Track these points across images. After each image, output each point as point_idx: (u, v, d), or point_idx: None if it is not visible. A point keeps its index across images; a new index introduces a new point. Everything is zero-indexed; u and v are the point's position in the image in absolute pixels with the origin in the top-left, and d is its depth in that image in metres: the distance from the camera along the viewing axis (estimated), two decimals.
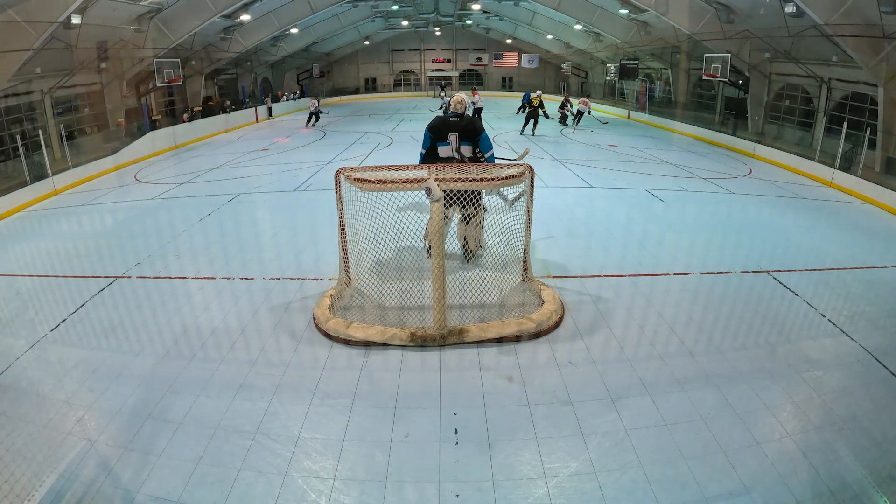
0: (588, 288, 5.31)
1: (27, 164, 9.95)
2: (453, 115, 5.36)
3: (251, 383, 3.81)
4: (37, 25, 10.76)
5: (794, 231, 7.40)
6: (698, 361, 4.05)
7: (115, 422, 3.43)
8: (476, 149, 5.38)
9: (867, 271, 5.87)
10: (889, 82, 10.59)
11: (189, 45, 16.77)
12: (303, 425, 3.37)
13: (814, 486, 2.89)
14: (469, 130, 5.34)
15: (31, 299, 5.38)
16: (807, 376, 3.87)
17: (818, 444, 3.19)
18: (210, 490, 2.88)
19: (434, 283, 4.16)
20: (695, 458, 3.07)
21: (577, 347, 4.25)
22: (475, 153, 5.40)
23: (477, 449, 3.17)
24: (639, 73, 22.81)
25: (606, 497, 2.82)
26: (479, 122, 5.57)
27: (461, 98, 5.44)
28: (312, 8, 19.93)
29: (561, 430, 3.33)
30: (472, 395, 3.66)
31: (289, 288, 5.38)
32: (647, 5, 16.26)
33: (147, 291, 5.44)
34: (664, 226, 7.48)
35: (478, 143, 5.36)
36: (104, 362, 4.14)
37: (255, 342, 4.38)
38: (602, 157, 12.64)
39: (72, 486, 2.89)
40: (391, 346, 4.22)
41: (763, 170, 11.68)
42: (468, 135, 5.34)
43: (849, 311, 4.88)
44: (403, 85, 36.22)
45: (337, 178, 4.68)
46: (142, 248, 6.65)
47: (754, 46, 14.79)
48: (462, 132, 5.32)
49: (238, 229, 7.47)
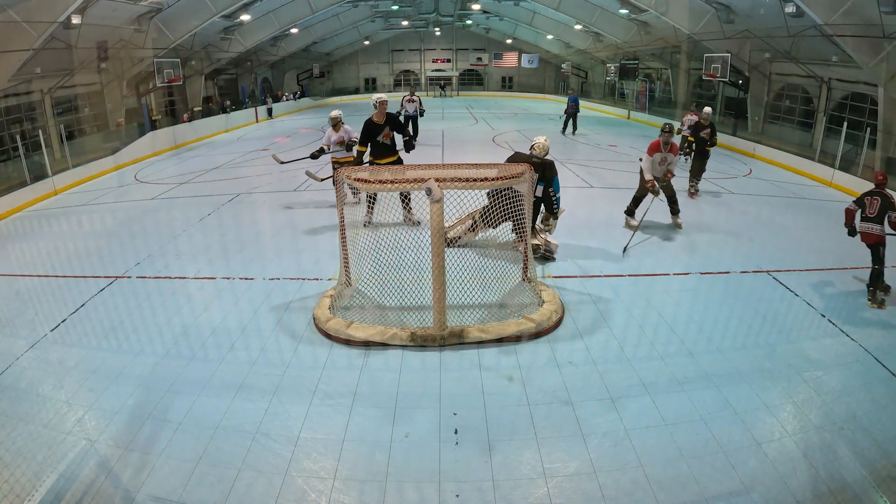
0: (588, 288, 5.32)
1: (27, 164, 9.95)
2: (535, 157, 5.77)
3: (251, 383, 3.82)
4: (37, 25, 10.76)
5: (794, 231, 7.40)
6: (698, 361, 4.05)
7: (115, 422, 3.43)
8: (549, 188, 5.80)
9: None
10: (889, 82, 10.58)
11: (189, 45, 16.77)
12: (303, 425, 3.37)
13: (814, 486, 2.89)
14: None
15: (31, 299, 5.38)
16: (807, 376, 3.87)
17: (818, 444, 3.20)
18: (210, 490, 2.88)
19: (434, 283, 4.16)
20: (695, 458, 3.07)
21: (577, 347, 4.25)
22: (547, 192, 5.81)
23: (477, 449, 3.17)
24: (639, 73, 22.80)
25: (606, 497, 2.82)
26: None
27: (542, 143, 5.86)
28: (312, 8, 19.92)
29: (561, 430, 3.33)
30: (472, 396, 3.66)
31: (289, 288, 5.38)
32: (647, 5, 16.27)
33: (147, 291, 5.44)
34: (664, 225, 7.48)
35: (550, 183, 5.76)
36: (104, 362, 4.14)
37: (255, 342, 4.38)
38: (602, 157, 12.64)
39: (72, 486, 2.89)
40: (391, 346, 4.22)
41: (763, 170, 11.68)
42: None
43: (849, 311, 4.88)
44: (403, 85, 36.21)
45: (337, 178, 4.68)
46: (142, 248, 6.65)
47: (754, 46, 14.78)
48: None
49: (238, 229, 7.47)
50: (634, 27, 20.06)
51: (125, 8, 13.31)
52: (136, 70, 15.51)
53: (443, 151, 13.48)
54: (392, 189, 4.50)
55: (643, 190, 6.98)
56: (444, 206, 4.22)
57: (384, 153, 6.88)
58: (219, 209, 8.41)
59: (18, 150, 10.28)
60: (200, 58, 18.81)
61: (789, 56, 13.48)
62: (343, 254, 4.92)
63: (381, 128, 6.78)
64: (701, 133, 9.14)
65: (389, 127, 6.84)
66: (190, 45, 16.83)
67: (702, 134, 9.13)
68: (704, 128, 9.18)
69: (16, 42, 10.75)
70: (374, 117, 6.75)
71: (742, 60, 15.31)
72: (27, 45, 10.93)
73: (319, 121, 20.41)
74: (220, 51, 19.43)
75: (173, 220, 7.95)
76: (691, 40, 16.98)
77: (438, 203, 4.12)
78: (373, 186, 4.56)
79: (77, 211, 8.94)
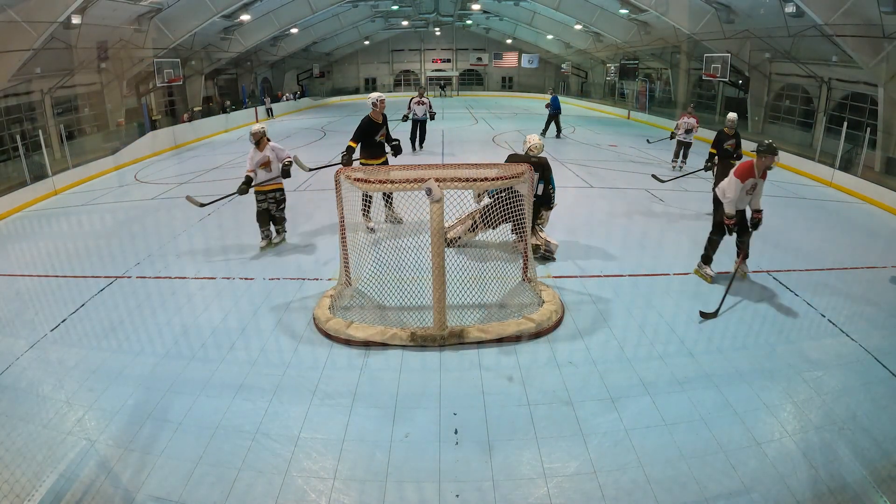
0: (588, 288, 5.31)
1: (27, 164, 9.95)
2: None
3: (251, 383, 3.81)
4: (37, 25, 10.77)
5: (794, 231, 7.40)
6: (698, 361, 4.05)
7: (115, 422, 3.43)
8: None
9: (867, 271, 5.88)
10: (889, 82, 10.59)
11: (189, 45, 16.77)
12: (303, 425, 3.37)
13: (814, 486, 2.89)
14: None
15: (31, 299, 5.38)
16: (807, 376, 3.87)
17: (818, 444, 3.19)
18: (210, 490, 2.88)
19: (434, 283, 4.16)
20: (695, 458, 3.07)
21: (577, 347, 4.25)
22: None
23: (477, 449, 3.17)
24: (639, 73, 22.81)
25: (606, 497, 2.82)
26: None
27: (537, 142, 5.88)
28: (312, 8, 19.94)
29: (561, 430, 3.33)
30: (472, 396, 3.66)
31: (289, 288, 5.38)
32: (647, 5, 16.28)
33: (147, 291, 5.44)
34: (664, 225, 7.48)
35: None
36: (104, 362, 4.14)
37: (255, 342, 4.38)
38: (602, 157, 12.64)
39: (72, 486, 2.89)
40: (391, 347, 4.22)
41: None
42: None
43: (849, 311, 4.88)
44: (403, 85, 36.21)
45: (337, 178, 4.68)
46: (142, 248, 6.65)
47: (754, 46, 14.79)
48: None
49: (238, 229, 7.46)
50: (634, 27, 20.07)
51: (125, 8, 13.31)
52: (136, 70, 15.52)
53: (443, 151, 13.48)
54: (393, 189, 4.50)
55: (721, 226, 5.38)
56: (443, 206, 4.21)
57: (378, 153, 6.89)
58: (219, 209, 8.40)
59: (18, 150, 10.28)
60: (200, 58, 18.82)
61: (789, 56, 13.48)
62: (343, 254, 4.92)
63: (379, 127, 6.79)
64: (725, 144, 7.85)
65: (385, 127, 6.87)
66: (190, 45, 16.84)
67: (726, 145, 7.85)
68: (729, 138, 7.85)
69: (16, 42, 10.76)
70: (372, 116, 6.75)
71: (742, 60, 15.32)
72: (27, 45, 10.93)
73: (319, 121, 20.41)
74: (220, 51, 19.44)
75: (173, 220, 7.95)
76: (691, 40, 16.99)
77: (438, 203, 4.12)
78: (373, 186, 4.56)
79: (77, 211, 8.94)
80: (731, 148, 7.84)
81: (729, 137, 7.90)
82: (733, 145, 7.85)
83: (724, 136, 7.94)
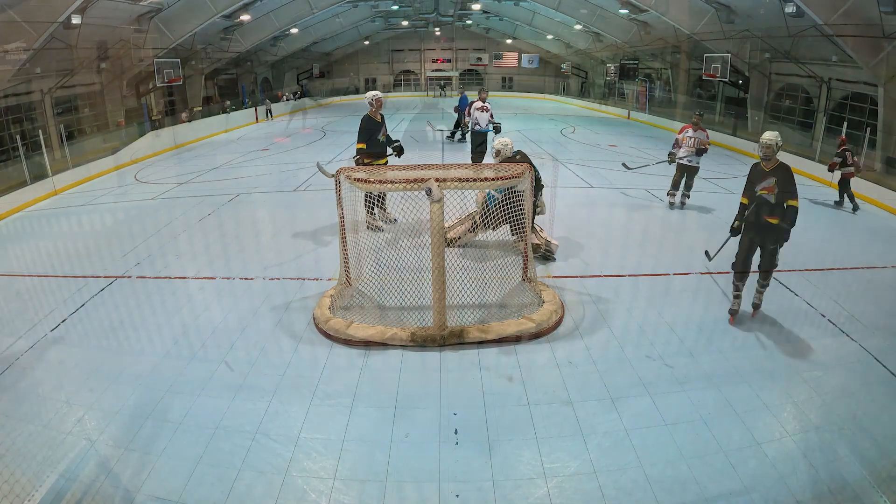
0: (588, 288, 5.31)
1: (27, 164, 9.95)
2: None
3: (251, 383, 3.81)
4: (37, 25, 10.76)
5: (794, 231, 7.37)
6: (698, 361, 4.05)
7: (115, 422, 3.43)
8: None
9: (867, 271, 5.88)
10: (889, 82, 10.59)
11: (189, 45, 16.76)
12: (303, 425, 3.37)
13: (814, 486, 2.89)
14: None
15: (31, 299, 5.38)
16: (807, 376, 3.87)
17: (818, 444, 3.20)
18: (210, 490, 2.88)
19: (434, 283, 4.16)
20: (695, 458, 3.07)
21: (577, 347, 4.25)
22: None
23: (477, 449, 3.17)
24: (639, 74, 22.80)
25: (606, 497, 2.82)
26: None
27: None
28: (312, 8, 19.92)
29: (561, 430, 3.33)
30: (472, 396, 3.66)
31: (289, 288, 5.38)
32: (647, 5, 16.27)
33: (147, 291, 5.44)
34: (664, 226, 7.48)
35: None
36: (104, 362, 4.14)
37: (255, 342, 4.38)
38: (602, 157, 12.64)
39: (72, 486, 2.89)
40: (391, 347, 4.22)
41: None
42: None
43: (849, 311, 4.88)
44: (403, 85, 36.20)
45: (337, 177, 4.68)
46: (142, 248, 6.65)
47: (754, 46, 14.79)
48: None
49: (238, 229, 7.47)
50: (634, 27, 20.05)
51: (125, 8, 13.31)
52: (136, 70, 15.51)
53: (443, 151, 13.47)
54: (393, 189, 4.50)
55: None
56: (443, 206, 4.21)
57: (381, 153, 6.88)
58: (219, 209, 8.41)
59: (18, 150, 10.28)
60: (200, 58, 18.82)
61: (789, 56, 13.48)
62: (343, 254, 4.92)
63: (380, 125, 6.79)
64: (759, 188, 4.69)
65: (384, 126, 6.89)
66: (190, 45, 16.83)
67: (760, 190, 4.68)
68: (766, 175, 4.61)
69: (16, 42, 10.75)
70: (371, 114, 6.75)
71: (742, 60, 15.31)
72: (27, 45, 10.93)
73: (318, 121, 20.41)
74: (220, 51, 19.43)
75: (173, 220, 7.94)
76: (691, 40, 16.97)
77: (438, 203, 4.12)
78: (373, 186, 4.56)
79: (77, 211, 8.94)
80: (768, 193, 4.56)
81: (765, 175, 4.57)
82: (771, 189, 4.52)
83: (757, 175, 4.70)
